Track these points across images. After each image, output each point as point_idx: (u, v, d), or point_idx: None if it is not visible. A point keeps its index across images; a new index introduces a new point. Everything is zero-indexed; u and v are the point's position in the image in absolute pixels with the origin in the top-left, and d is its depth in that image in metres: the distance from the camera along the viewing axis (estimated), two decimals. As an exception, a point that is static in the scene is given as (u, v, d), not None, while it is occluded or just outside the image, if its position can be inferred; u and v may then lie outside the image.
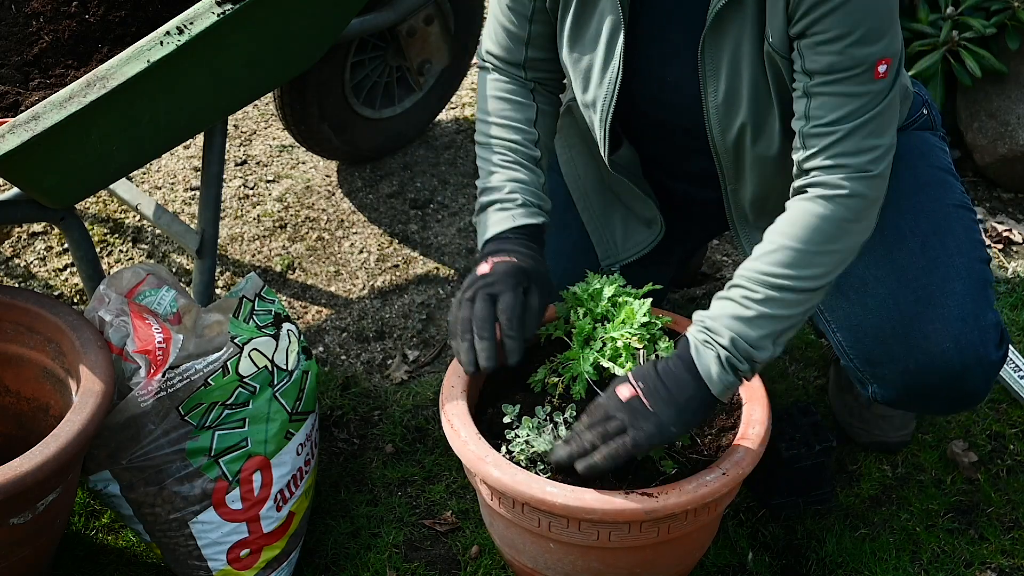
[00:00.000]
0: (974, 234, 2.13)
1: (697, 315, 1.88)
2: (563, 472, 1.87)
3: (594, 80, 2.02)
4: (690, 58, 1.95)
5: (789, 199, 1.90)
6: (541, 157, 2.11)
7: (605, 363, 1.91)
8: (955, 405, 2.15)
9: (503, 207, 2.04)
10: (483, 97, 2.13)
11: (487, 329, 1.89)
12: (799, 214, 1.85)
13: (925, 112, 2.25)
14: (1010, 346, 2.64)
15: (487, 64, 2.15)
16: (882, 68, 1.80)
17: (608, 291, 2.00)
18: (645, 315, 1.95)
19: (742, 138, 1.98)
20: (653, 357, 1.96)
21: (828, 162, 1.84)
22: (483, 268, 1.95)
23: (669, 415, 1.80)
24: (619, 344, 1.92)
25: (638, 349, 1.95)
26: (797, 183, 1.89)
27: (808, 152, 1.85)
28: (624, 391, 1.83)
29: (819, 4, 1.78)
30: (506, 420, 1.93)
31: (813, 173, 1.86)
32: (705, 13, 1.87)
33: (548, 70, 2.13)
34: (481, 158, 2.10)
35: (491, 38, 2.14)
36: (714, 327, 1.83)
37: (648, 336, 1.97)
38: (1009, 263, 3.01)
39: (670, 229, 2.30)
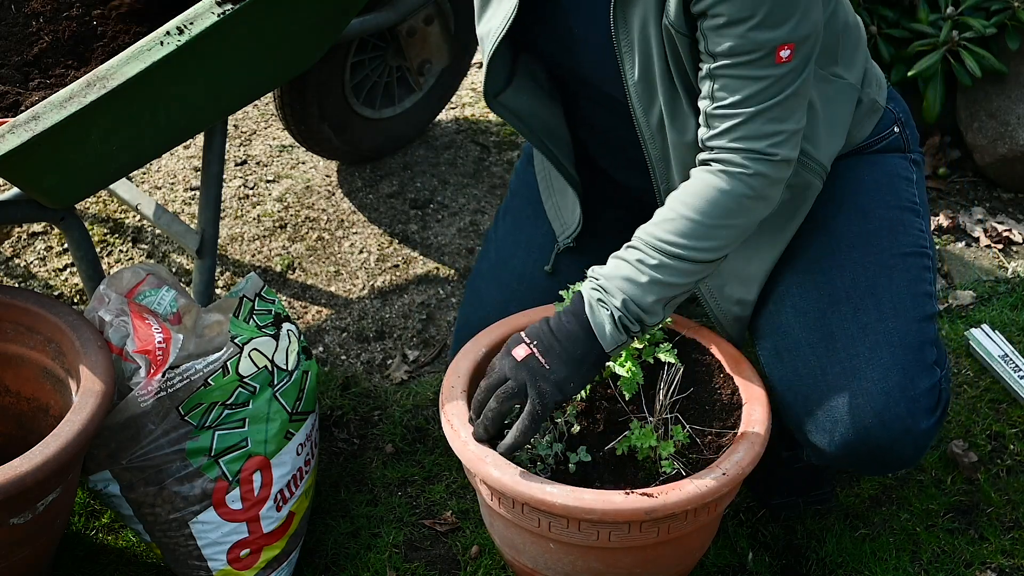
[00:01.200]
0: (920, 287, 2.07)
1: (592, 271, 1.90)
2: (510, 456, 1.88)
3: (491, 14, 2.00)
4: (605, 26, 1.92)
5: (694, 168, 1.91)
6: None
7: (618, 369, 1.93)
8: (886, 471, 2.13)
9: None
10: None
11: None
12: (701, 186, 1.86)
13: (896, 130, 2.18)
14: (1011, 346, 2.64)
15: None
16: (784, 53, 1.79)
17: None
18: None
19: (663, 120, 1.96)
20: (652, 360, 1.97)
21: (731, 144, 1.85)
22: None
23: (566, 372, 1.84)
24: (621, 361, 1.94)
25: (639, 349, 1.96)
26: (701, 156, 1.90)
27: (712, 132, 1.86)
28: (520, 351, 1.86)
29: None
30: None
31: (716, 151, 1.87)
32: None
33: None
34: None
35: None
36: (608, 287, 1.86)
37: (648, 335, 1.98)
38: (1009, 263, 3.01)
39: (623, 209, 2.28)
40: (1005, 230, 3.09)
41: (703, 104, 1.86)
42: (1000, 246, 3.05)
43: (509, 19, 1.96)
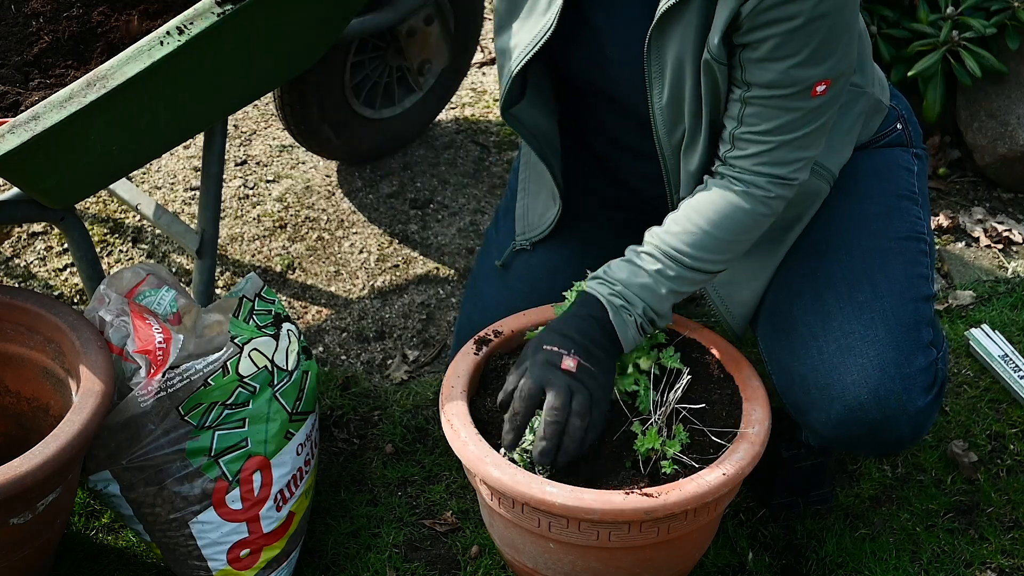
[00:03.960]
0: (916, 269, 2.10)
1: (606, 275, 1.95)
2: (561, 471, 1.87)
3: (519, 28, 2.01)
4: (638, 50, 1.93)
5: (710, 176, 1.95)
6: None
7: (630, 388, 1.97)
8: (885, 451, 2.14)
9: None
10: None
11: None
12: (722, 203, 1.92)
13: (899, 127, 2.21)
14: (1011, 346, 2.64)
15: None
16: (820, 88, 1.84)
17: None
18: None
19: (681, 143, 1.99)
20: (657, 370, 1.98)
21: (756, 167, 1.90)
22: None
23: (607, 373, 1.92)
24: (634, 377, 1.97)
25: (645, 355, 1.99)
26: (720, 169, 1.93)
27: (737, 152, 1.91)
28: (566, 361, 1.89)
29: (772, 23, 1.77)
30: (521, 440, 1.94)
31: (739, 170, 1.91)
32: (654, 11, 1.86)
33: None
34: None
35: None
36: (628, 296, 1.93)
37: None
38: (1009, 263, 3.01)
39: (631, 213, 2.29)
40: (1005, 230, 3.09)
41: (730, 124, 1.89)
42: (1000, 246, 3.05)
43: (543, 38, 1.97)
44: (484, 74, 3.65)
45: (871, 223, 2.11)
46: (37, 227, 3.02)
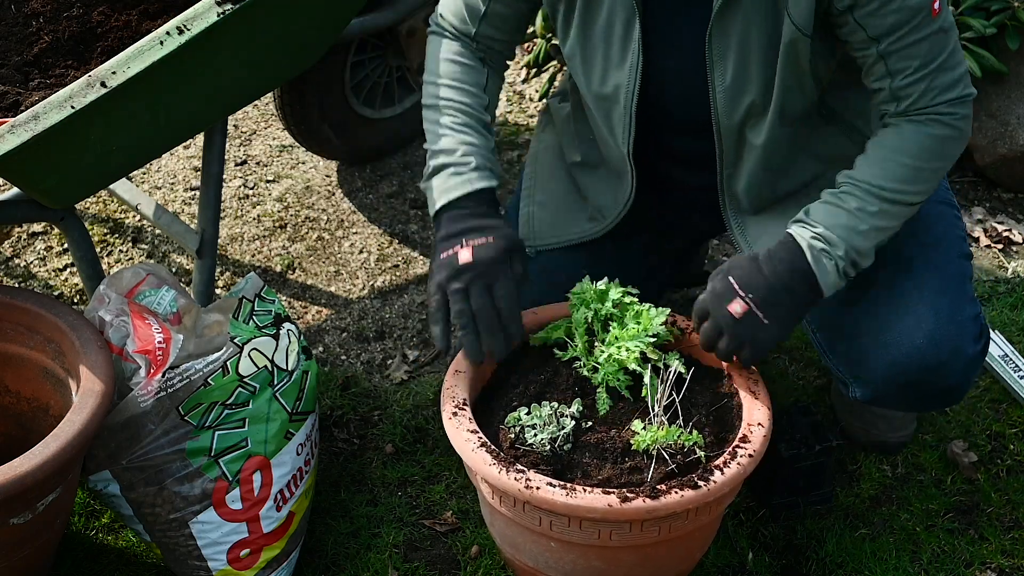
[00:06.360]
0: (955, 231, 2.15)
1: (808, 219, 1.94)
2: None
3: (613, 71, 2.03)
4: (696, 47, 1.97)
5: (885, 124, 1.97)
6: (491, 121, 2.14)
7: (632, 365, 1.97)
8: (936, 401, 2.16)
9: (457, 171, 2.04)
10: (433, 59, 2.14)
11: (495, 323, 1.94)
12: (911, 133, 1.93)
13: None
14: (1011, 346, 2.64)
15: (439, 29, 2.16)
16: (937, 5, 1.87)
17: (614, 294, 2.02)
18: (662, 324, 1.99)
19: (748, 118, 2.01)
20: (662, 365, 1.97)
21: (934, 103, 1.92)
22: (464, 256, 1.95)
23: (786, 325, 1.93)
24: (636, 355, 1.96)
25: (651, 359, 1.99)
26: (894, 120, 1.95)
27: (909, 101, 1.92)
28: (736, 307, 1.91)
29: None
30: (510, 421, 1.94)
31: (919, 111, 1.93)
32: (711, 3, 1.90)
33: (498, 49, 2.17)
34: (429, 120, 2.11)
35: (447, 6, 2.15)
36: (830, 238, 1.91)
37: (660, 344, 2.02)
38: (1009, 263, 3.01)
39: (662, 223, 2.31)
40: (1005, 230, 3.09)
41: (883, 83, 1.92)
42: (1000, 246, 3.05)
43: (637, 72, 2.01)
44: (484, 74, 3.65)
45: None
46: (37, 227, 3.02)
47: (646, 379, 1.96)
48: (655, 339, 2.01)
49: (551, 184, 2.31)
